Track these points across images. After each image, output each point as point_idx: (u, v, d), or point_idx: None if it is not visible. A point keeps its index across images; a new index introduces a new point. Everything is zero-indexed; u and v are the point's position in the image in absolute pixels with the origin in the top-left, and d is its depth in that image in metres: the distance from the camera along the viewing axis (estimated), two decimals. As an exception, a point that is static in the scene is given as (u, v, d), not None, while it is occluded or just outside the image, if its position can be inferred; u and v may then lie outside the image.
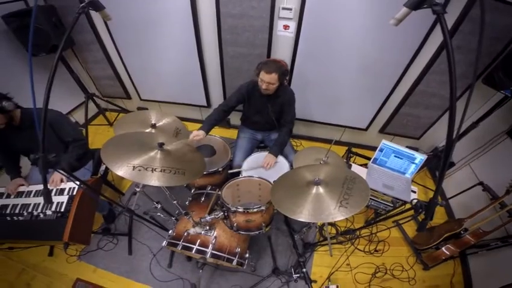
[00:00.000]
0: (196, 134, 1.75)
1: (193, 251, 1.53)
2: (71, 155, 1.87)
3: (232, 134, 2.54)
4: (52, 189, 1.75)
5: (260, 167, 1.90)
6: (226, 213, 1.56)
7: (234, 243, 1.63)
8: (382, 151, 2.04)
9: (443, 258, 1.93)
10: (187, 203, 1.89)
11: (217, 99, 2.99)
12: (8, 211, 1.71)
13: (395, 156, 2.02)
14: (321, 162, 1.76)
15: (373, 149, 2.09)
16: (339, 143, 3.01)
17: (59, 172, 1.77)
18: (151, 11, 2.30)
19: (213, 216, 1.54)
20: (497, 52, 1.91)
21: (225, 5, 2.10)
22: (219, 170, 1.88)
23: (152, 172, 1.18)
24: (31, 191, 1.79)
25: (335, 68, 2.30)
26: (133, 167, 1.15)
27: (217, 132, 2.16)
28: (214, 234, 1.62)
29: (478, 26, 1.72)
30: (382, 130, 2.79)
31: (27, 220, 1.66)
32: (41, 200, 1.72)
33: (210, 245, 1.55)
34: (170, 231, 1.67)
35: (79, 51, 2.95)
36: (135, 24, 2.45)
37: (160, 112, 2.01)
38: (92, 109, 3.30)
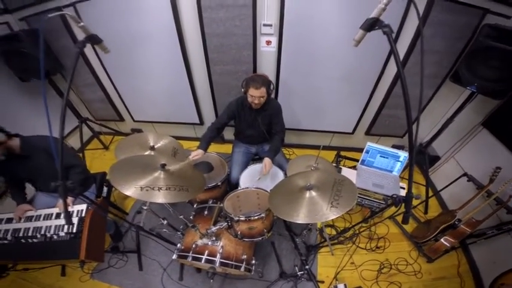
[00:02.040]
0: (196, 153, 1.89)
1: (203, 261, 1.60)
2: (73, 181, 1.91)
3: (227, 148, 2.62)
4: (60, 213, 1.80)
5: (258, 176, 2.00)
6: (230, 223, 1.67)
7: (240, 251, 1.72)
8: (368, 152, 2.18)
9: (444, 249, 2.01)
10: (191, 217, 1.97)
11: (209, 115, 3.07)
12: (21, 234, 1.77)
13: (380, 156, 2.16)
14: (312, 168, 1.87)
15: (362, 151, 2.21)
16: (328, 148, 3.11)
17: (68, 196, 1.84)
18: (138, 32, 2.38)
19: (218, 226, 1.66)
20: (459, 50, 2.09)
21: (209, 26, 2.21)
22: (218, 184, 2.00)
23: (159, 191, 1.27)
24: (40, 215, 1.85)
25: (317, 77, 2.44)
26: (141, 187, 1.25)
27: (213, 148, 2.25)
28: (221, 244, 1.70)
29: (439, 28, 1.90)
30: (368, 132, 2.93)
31: (41, 242, 1.73)
32: (51, 222, 1.78)
33: (218, 254, 1.63)
34: (178, 245, 1.73)
35: (68, 75, 2.96)
36: (122, 46, 2.51)
37: (157, 134, 2.10)
38: (86, 133, 3.33)
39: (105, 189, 2.24)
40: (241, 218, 1.59)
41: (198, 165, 2.04)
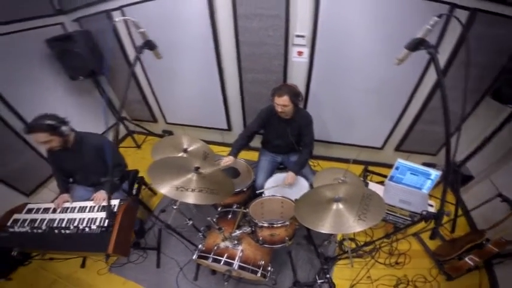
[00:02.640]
0: (227, 160, 2.03)
1: (221, 263, 1.65)
2: (112, 178, 2.05)
3: (252, 156, 2.65)
4: (95, 206, 1.93)
5: (282, 186, 2.03)
6: (253, 228, 1.72)
7: (258, 257, 1.75)
8: (398, 169, 2.14)
9: (467, 268, 1.93)
10: (214, 219, 2.03)
11: (237, 122, 3.15)
12: (55, 225, 1.86)
13: (411, 173, 2.11)
14: (340, 181, 1.88)
15: (390, 166, 2.18)
16: (355, 162, 3.03)
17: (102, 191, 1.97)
18: (177, 38, 2.53)
19: (241, 231, 1.71)
20: (501, 65, 1.97)
21: (242, 34, 2.30)
22: (244, 189, 2.07)
23: (191, 192, 1.37)
24: (75, 207, 1.96)
25: (348, 90, 2.43)
26: (176, 187, 1.35)
27: (240, 155, 2.34)
28: (241, 248, 1.74)
29: (481, 41, 1.81)
30: (398, 148, 2.84)
31: (73, 233, 1.81)
32: (85, 215, 1.88)
33: (237, 257, 1.68)
34: (200, 246, 1.79)
35: (112, 76, 3.23)
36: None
37: (190, 138, 2.21)
38: (121, 131, 3.58)
39: (135, 186, 2.37)
40: (265, 224, 1.64)
41: (226, 170, 2.12)
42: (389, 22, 1.93)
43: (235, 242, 1.75)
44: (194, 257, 1.74)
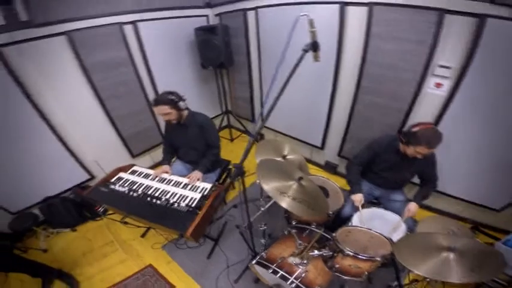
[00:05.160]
0: (357, 198, 1.91)
1: (278, 276, 1.54)
2: (206, 160, 2.23)
3: (336, 180, 2.41)
4: (187, 184, 2.08)
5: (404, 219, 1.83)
6: (334, 253, 1.58)
7: (318, 281, 1.60)
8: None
9: None
10: (285, 232, 1.95)
11: (332, 143, 2.98)
12: (150, 192, 2.02)
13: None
14: (451, 232, 1.67)
15: (504, 232, 1.85)
16: (460, 218, 2.50)
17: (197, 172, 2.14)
18: (296, 44, 2.53)
19: (321, 253, 1.60)
20: None
21: (373, 54, 2.15)
22: (330, 213, 1.90)
23: (287, 198, 1.36)
24: (171, 180, 2.15)
25: (487, 137, 1.97)
26: (277, 189, 1.36)
27: (326, 176, 2.21)
28: (306, 269, 1.61)
29: None
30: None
31: (162, 206, 1.88)
32: (178, 190, 2.02)
33: (299, 277, 1.55)
34: (263, 253, 1.73)
35: (232, 71, 3.54)
36: (279, 54, 2.76)
37: (292, 146, 2.23)
38: (223, 122, 3.93)
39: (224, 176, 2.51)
40: (351, 253, 1.50)
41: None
42: None
43: (305, 261, 1.63)
44: (253, 262, 1.68)
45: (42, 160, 2.57)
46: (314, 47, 1.11)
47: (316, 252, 1.60)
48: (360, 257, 1.48)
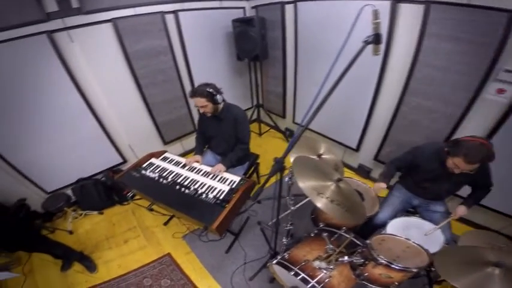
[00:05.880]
0: (380, 187, 1.86)
1: (299, 278, 1.46)
2: (234, 155, 2.20)
3: (367, 182, 2.34)
4: (216, 175, 2.07)
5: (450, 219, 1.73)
6: (366, 261, 1.48)
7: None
8: None
9: None
10: (312, 234, 1.86)
11: (369, 146, 2.81)
12: (179, 180, 2.02)
13: None
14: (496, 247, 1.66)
15: None
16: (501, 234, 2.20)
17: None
18: (336, 42, 2.43)
19: (352, 259, 1.50)
20: None
21: (426, 54, 1.97)
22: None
23: (325, 199, 1.29)
24: (201, 170, 2.15)
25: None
26: (313, 187, 1.29)
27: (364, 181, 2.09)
28: (330, 274, 1.51)
29: None
30: None
31: (190, 195, 1.86)
32: (207, 181, 2.01)
33: (322, 282, 1.46)
34: (285, 254, 1.65)
35: (265, 64, 3.49)
36: (317, 52, 2.66)
37: (328, 146, 2.13)
38: (253, 116, 3.89)
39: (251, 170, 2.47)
40: (384, 262, 1.39)
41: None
42: None
43: (331, 266, 1.53)
44: (273, 261, 1.61)
45: (81, 142, 2.71)
46: (377, 39, 1.02)
47: (346, 258, 1.51)
48: (393, 266, 1.38)
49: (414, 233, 1.70)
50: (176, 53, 2.92)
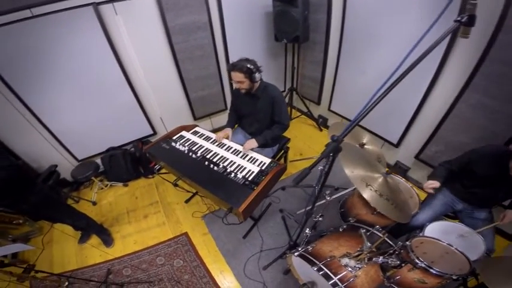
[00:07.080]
0: (432, 184, 1.68)
1: (321, 274, 1.36)
2: (270, 132, 2.11)
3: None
4: (246, 154, 2.01)
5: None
6: (402, 263, 1.37)
7: None
8: None
9: None
10: (341, 229, 1.75)
11: (413, 144, 2.56)
12: (209, 156, 1.96)
13: None
14: None
15: None
16: None
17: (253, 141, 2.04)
18: (388, 30, 2.28)
19: (387, 260, 1.38)
20: None
21: (500, 49, 1.69)
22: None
23: (371, 190, 1.21)
24: (231, 147, 2.09)
25: None
26: (361, 177, 1.21)
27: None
28: (356, 274, 1.40)
29: None
30: None
31: (218, 173, 1.78)
32: (236, 159, 1.94)
33: (347, 281, 1.36)
34: (309, 247, 1.55)
35: (304, 48, 3.33)
36: (367, 37, 2.49)
37: (371, 137, 2.02)
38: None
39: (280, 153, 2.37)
40: (423, 265, 1.30)
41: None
42: None
43: (360, 265, 1.42)
44: (296, 253, 1.50)
45: (115, 111, 2.80)
46: (470, 21, 0.88)
47: (381, 258, 1.39)
48: (432, 271, 1.30)
49: (454, 239, 1.60)
50: (215, 30, 2.86)
